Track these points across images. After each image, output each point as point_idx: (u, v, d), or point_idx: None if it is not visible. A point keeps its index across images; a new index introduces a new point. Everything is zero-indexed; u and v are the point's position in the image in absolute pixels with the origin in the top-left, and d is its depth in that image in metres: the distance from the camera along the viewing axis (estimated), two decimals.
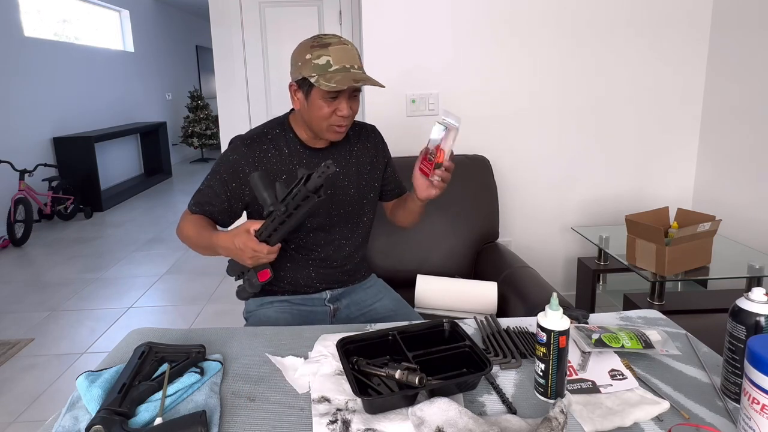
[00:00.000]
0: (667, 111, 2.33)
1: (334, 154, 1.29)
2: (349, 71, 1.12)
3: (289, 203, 0.98)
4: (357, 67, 1.14)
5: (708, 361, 0.94)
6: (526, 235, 2.43)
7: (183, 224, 1.26)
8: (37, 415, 1.96)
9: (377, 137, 1.40)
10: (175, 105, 8.38)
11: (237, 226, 1.10)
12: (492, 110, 2.29)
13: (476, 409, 0.82)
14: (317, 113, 1.16)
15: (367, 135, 1.37)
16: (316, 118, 1.17)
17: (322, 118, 1.17)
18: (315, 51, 1.12)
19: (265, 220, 1.04)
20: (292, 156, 1.25)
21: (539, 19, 2.21)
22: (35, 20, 5.24)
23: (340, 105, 1.15)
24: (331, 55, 1.11)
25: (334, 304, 1.39)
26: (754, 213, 2.06)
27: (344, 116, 1.16)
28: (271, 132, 1.26)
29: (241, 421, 0.80)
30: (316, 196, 0.96)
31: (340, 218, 1.31)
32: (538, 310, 0.86)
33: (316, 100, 1.15)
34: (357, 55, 1.16)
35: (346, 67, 1.12)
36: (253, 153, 1.23)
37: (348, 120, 1.19)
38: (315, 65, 1.11)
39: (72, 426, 0.78)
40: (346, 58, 1.13)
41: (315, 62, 1.12)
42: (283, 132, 1.26)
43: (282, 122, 1.28)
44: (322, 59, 1.11)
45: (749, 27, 2.06)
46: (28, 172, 4.40)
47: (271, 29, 3.19)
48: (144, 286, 3.26)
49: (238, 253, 1.08)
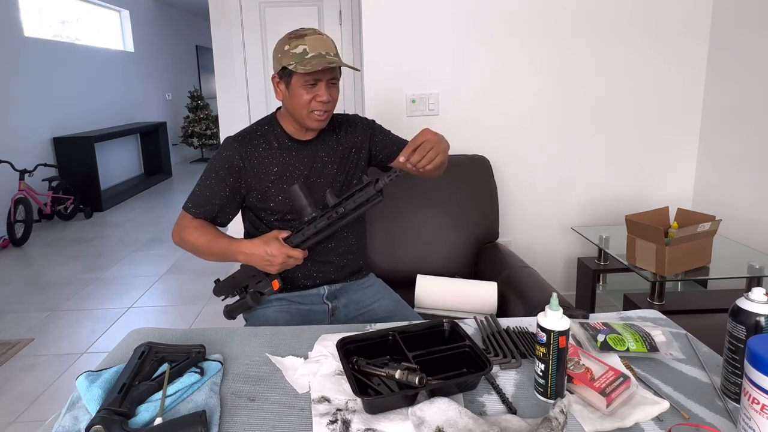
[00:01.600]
0: (667, 111, 2.33)
1: (321, 145, 1.34)
2: (324, 57, 1.18)
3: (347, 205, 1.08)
4: (333, 54, 1.20)
5: (708, 361, 0.94)
6: (526, 235, 2.43)
7: (186, 231, 1.27)
8: (37, 415, 1.96)
9: (359, 120, 1.44)
10: (175, 105, 8.38)
11: (263, 236, 1.17)
12: (492, 110, 2.29)
13: (476, 409, 0.82)
14: (298, 101, 1.22)
15: (348, 122, 1.42)
16: (297, 106, 1.23)
17: (303, 106, 1.23)
18: (292, 42, 1.20)
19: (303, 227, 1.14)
20: (281, 149, 1.30)
21: (539, 19, 2.21)
22: (35, 20, 5.24)
23: (319, 91, 1.21)
24: (307, 44, 1.19)
25: (332, 302, 1.40)
26: (754, 213, 2.06)
27: (323, 102, 1.22)
28: (260, 129, 1.32)
29: (241, 421, 0.80)
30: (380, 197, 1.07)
31: None
32: (538, 310, 0.86)
33: (296, 89, 1.21)
34: (333, 45, 1.23)
35: (322, 53, 1.19)
36: (245, 149, 1.28)
37: (328, 106, 1.24)
38: (293, 54, 1.19)
39: (72, 426, 0.78)
40: (322, 46, 1.20)
41: (293, 52, 1.19)
42: (271, 128, 1.32)
43: (270, 119, 1.34)
44: (299, 48, 1.19)
45: (749, 27, 2.06)
46: (28, 172, 4.41)
47: (271, 29, 3.19)
48: (144, 286, 3.26)
49: (268, 259, 1.14)
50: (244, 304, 1.21)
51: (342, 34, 3.24)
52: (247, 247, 1.18)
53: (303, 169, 1.31)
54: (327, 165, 1.34)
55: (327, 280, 1.39)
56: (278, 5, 3.14)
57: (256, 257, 1.16)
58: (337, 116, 1.42)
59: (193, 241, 1.26)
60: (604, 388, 0.80)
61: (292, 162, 1.30)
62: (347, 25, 3.21)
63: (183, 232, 1.28)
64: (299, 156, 1.31)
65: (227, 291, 1.26)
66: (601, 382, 0.82)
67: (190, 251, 1.30)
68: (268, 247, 1.14)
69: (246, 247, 1.18)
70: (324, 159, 1.34)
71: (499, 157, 2.27)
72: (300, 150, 1.32)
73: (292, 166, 1.30)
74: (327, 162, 1.34)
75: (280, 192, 1.29)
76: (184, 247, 1.30)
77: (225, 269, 3.43)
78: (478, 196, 1.94)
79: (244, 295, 1.22)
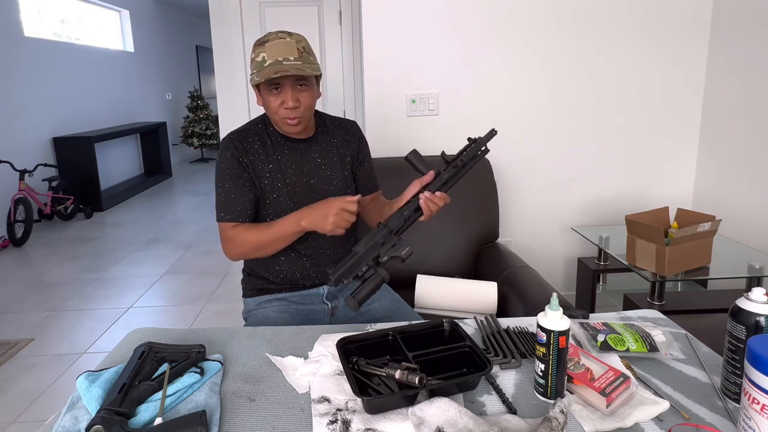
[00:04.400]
0: (668, 111, 2.33)
1: (314, 146, 1.34)
2: (281, 64, 1.16)
3: (457, 164, 1.11)
4: (293, 59, 1.18)
5: (708, 361, 0.94)
6: (526, 235, 2.43)
7: (239, 238, 1.25)
8: (37, 415, 1.96)
9: (358, 133, 1.44)
10: (175, 105, 8.38)
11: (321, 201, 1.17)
12: (492, 110, 2.29)
13: (476, 409, 0.82)
14: (268, 107, 1.24)
15: (346, 129, 1.41)
16: (270, 112, 1.25)
17: (273, 112, 1.23)
18: (256, 49, 1.20)
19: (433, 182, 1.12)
20: (274, 148, 1.31)
21: (540, 19, 2.21)
22: (35, 20, 5.24)
23: (284, 97, 1.20)
24: (266, 51, 1.18)
25: (332, 301, 1.40)
26: (754, 213, 2.06)
27: (290, 108, 1.21)
28: (254, 128, 1.33)
29: (241, 421, 0.80)
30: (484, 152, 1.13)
31: None
32: (538, 310, 0.86)
33: (265, 96, 1.22)
34: (295, 48, 1.19)
35: (279, 60, 1.17)
36: (243, 145, 1.29)
37: (296, 112, 1.22)
38: (255, 62, 1.19)
39: (72, 426, 0.78)
40: (281, 51, 1.17)
41: (256, 60, 1.19)
42: (264, 127, 1.33)
43: (263, 119, 1.35)
44: (260, 56, 1.18)
45: (749, 27, 2.06)
46: (28, 172, 4.41)
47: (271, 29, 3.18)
48: (144, 286, 3.26)
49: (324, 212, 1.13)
50: (377, 278, 1.00)
51: (342, 34, 3.24)
52: (304, 211, 1.18)
53: (296, 168, 1.31)
54: (320, 166, 1.34)
55: (326, 279, 1.39)
56: (278, 5, 3.14)
57: (313, 212, 1.16)
58: (335, 119, 1.42)
59: (251, 239, 1.24)
60: (604, 388, 0.80)
61: (285, 160, 1.30)
62: (347, 25, 3.20)
63: (236, 239, 1.25)
64: (292, 155, 1.31)
65: (349, 274, 1.06)
66: (601, 382, 0.82)
67: (252, 252, 1.27)
68: (324, 201, 1.15)
69: (303, 211, 1.18)
70: (317, 160, 1.34)
71: (499, 157, 2.27)
72: (293, 149, 1.32)
73: (284, 165, 1.30)
74: (321, 163, 1.34)
75: (274, 190, 1.29)
76: (243, 251, 1.27)
77: (225, 269, 3.43)
78: (478, 196, 1.94)
79: (373, 271, 1.02)
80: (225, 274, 3.38)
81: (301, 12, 3.18)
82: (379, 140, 2.22)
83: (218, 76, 3.18)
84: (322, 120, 1.38)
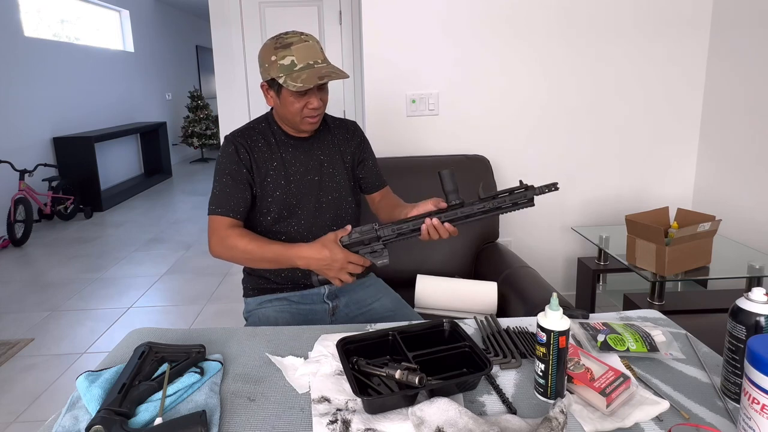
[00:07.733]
0: (668, 111, 2.33)
1: (318, 144, 1.35)
2: (313, 67, 1.17)
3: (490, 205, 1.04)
4: (321, 61, 1.19)
5: (708, 361, 0.94)
6: (526, 235, 2.43)
7: (231, 240, 1.20)
8: (37, 415, 1.96)
9: (358, 132, 1.44)
10: (175, 105, 8.38)
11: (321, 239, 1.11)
12: (492, 110, 2.29)
13: (476, 409, 0.82)
14: (290, 109, 1.22)
15: (347, 128, 1.42)
16: (289, 113, 1.24)
17: (295, 113, 1.23)
18: (279, 52, 1.17)
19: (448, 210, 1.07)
20: (279, 146, 1.31)
21: (540, 19, 2.21)
22: (35, 20, 5.24)
23: (310, 99, 1.21)
24: (295, 55, 1.16)
25: (333, 301, 1.40)
26: (754, 213, 2.06)
27: (315, 108, 1.22)
28: (257, 126, 1.33)
29: (241, 421, 0.80)
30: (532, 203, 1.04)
31: (328, 205, 1.35)
32: (538, 310, 0.86)
33: (287, 98, 1.21)
34: (319, 49, 1.21)
35: (310, 63, 1.17)
36: (246, 143, 1.28)
37: (319, 111, 1.24)
38: (281, 66, 1.16)
39: (72, 426, 0.78)
40: (310, 54, 1.17)
41: (281, 63, 1.16)
42: (268, 125, 1.33)
43: (266, 117, 1.35)
44: (287, 59, 1.16)
45: (749, 27, 2.06)
46: (28, 172, 4.40)
47: (271, 29, 3.18)
48: (144, 286, 3.26)
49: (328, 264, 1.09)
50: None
51: (342, 34, 3.24)
52: (305, 252, 1.11)
53: (300, 165, 1.32)
54: (324, 164, 1.35)
55: (327, 280, 1.39)
56: (278, 5, 3.14)
57: (315, 261, 1.10)
58: (335, 119, 1.43)
59: (242, 247, 1.18)
60: (604, 388, 0.80)
61: (289, 158, 1.31)
62: (347, 25, 3.20)
63: (227, 240, 1.20)
64: (296, 153, 1.32)
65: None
66: (601, 382, 0.82)
67: (237, 259, 1.22)
68: (328, 250, 1.08)
69: (304, 251, 1.11)
70: (321, 158, 1.35)
71: (498, 157, 2.27)
72: (297, 147, 1.33)
73: (288, 162, 1.31)
74: (324, 161, 1.35)
75: (277, 188, 1.29)
76: (229, 255, 1.21)
77: (225, 269, 3.43)
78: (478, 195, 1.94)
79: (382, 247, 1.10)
80: (225, 274, 3.38)
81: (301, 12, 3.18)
82: (379, 140, 2.22)
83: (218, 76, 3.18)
84: (324, 119, 1.39)
